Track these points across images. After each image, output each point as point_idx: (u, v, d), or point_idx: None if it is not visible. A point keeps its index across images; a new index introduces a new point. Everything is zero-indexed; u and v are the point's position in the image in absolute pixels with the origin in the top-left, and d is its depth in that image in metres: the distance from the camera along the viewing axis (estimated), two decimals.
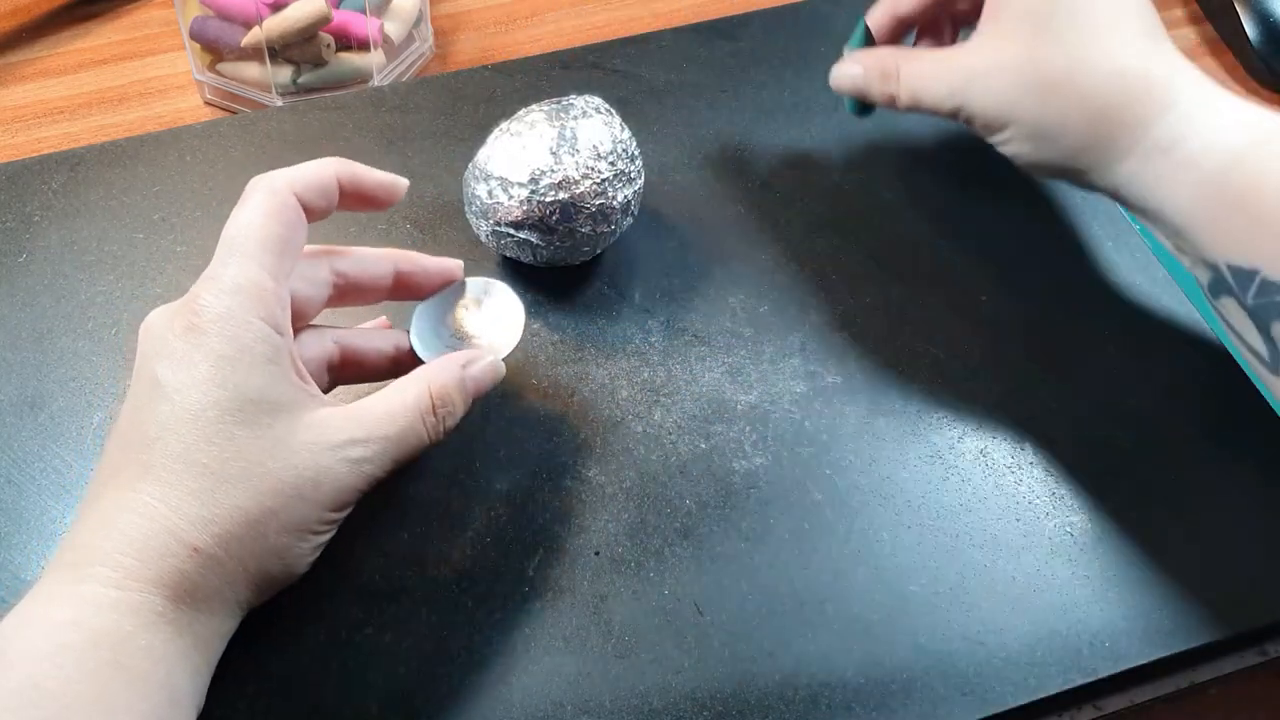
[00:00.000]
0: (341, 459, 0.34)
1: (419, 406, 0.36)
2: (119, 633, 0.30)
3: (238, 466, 0.32)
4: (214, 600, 0.33)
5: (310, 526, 0.34)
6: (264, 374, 0.33)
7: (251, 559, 0.33)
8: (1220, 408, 0.47)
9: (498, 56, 0.64)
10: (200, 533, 0.32)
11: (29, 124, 0.59)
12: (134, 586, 0.31)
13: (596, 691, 0.38)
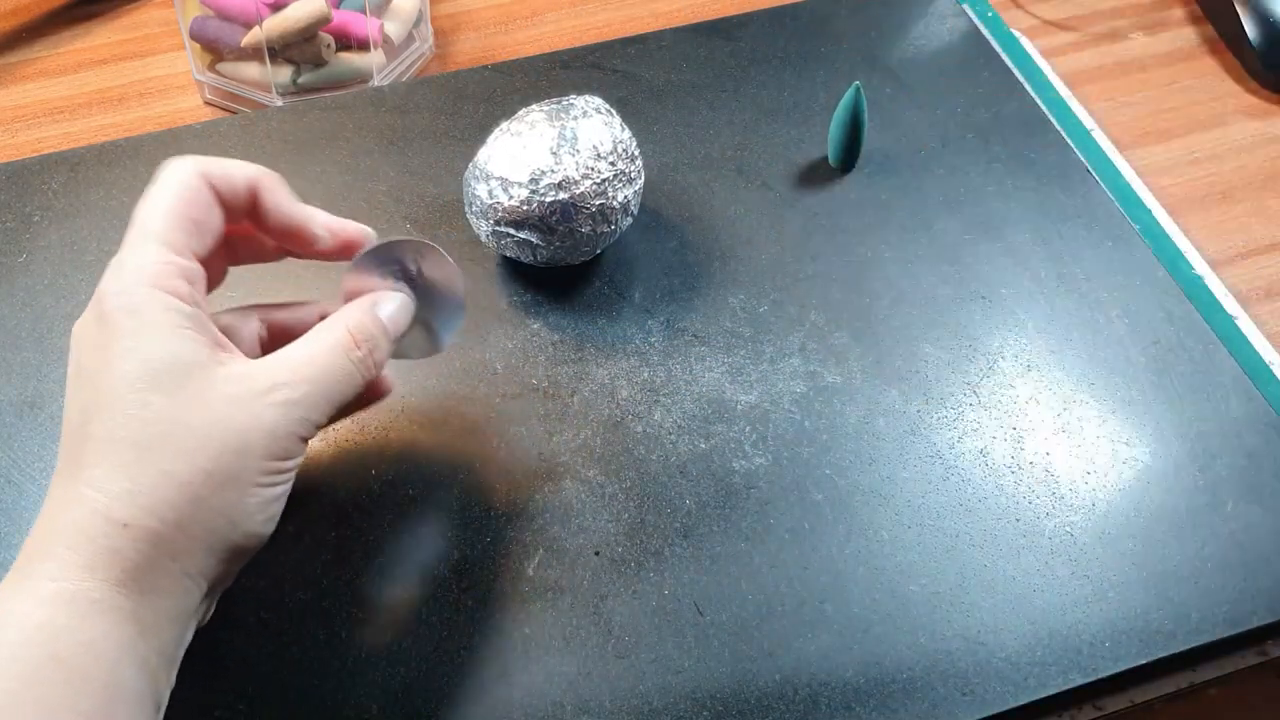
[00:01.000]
0: (267, 405, 0.33)
1: (339, 343, 0.35)
2: (53, 626, 0.29)
3: (157, 431, 0.31)
4: (161, 577, 0.31)
5: (253, 479, 0.32)
6: (172, 340, 0.32)
7: (193, 524, 0.31)
8: (1220, 407, 0.47)
9: (498, 56, 0.64)
10: (128, 506, 0.31)
11: (29, 124, 0.59)
12: (71, 577, 0.30)
13: (596, 691, 0.38)
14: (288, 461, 0.34)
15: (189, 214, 0.34)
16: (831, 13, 0.63)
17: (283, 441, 0.33)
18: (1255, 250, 0.56)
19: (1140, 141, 0.61)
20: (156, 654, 0.31)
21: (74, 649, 0.29)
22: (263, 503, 0.33)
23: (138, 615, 0.31)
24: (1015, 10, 0.68)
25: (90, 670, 0.29)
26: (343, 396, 0.35)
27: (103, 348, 0.32)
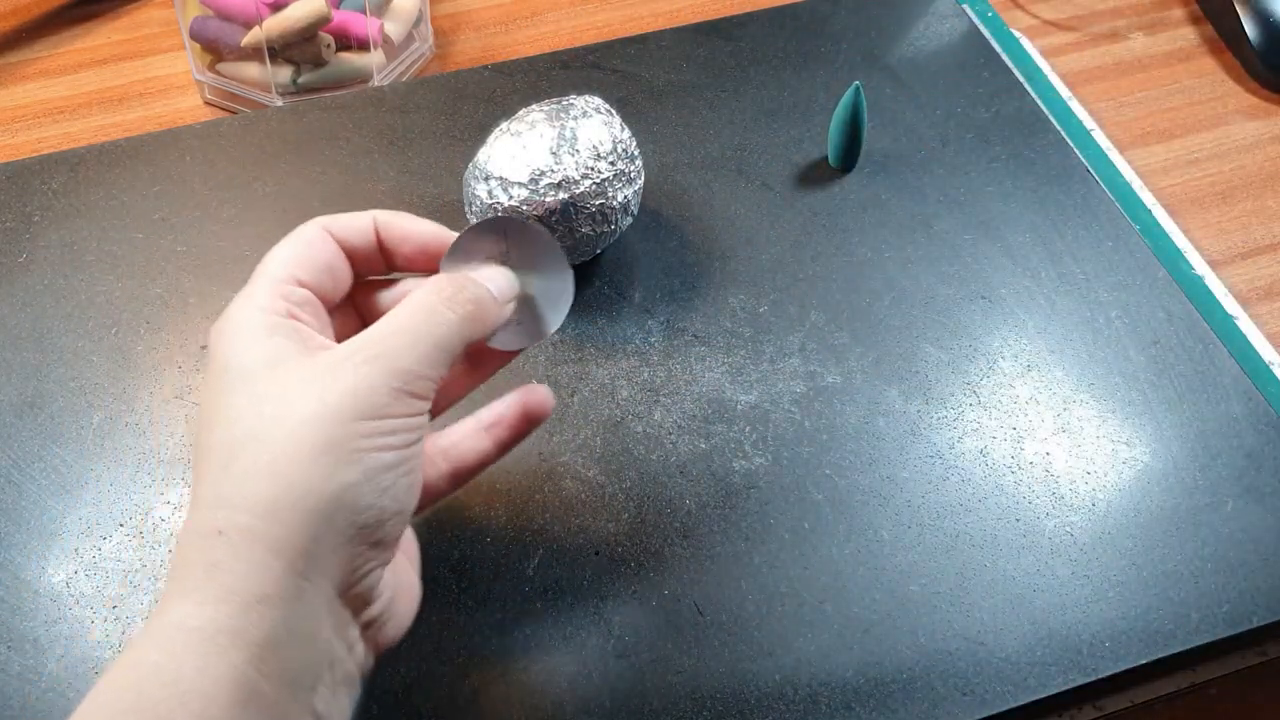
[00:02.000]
0: (347, 367, 0.30)
1: (429, 290, 0.32)
2: (139, 669, 0.27)
3: (242, 428, 0.29)
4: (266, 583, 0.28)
5: (347, 446, 0.29)
6: (256, 345, 0.31)
7: (287, 509, 0.28)
8: (1220, 407, 0.47)
9: (498, 56, 0.64)
10: (219, 510, 0.28)
11: (29, 124, 0.59)
12: (170, 607, 0.28)
13: (596, 691, 0.38)
14: (389, 420, 0.30)
15: (300, 254, 0.33)
16: (831, 13, 0.63)
17: (373, 397, 0.29)
18: (1255, 250, 0.56)
19: (1140, 141, 0.61)
20: (276, 679, 0.27)
21: (159, 692, 0.26)
22: (369, 471, 0.29)
23: (245, 636, 0.27)
24: (1015, 10, 0.68)
25: (174, 714, 0.26)
26: (442, 341, 0.31)
27: (204, 381, 0.32)
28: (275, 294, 0.32)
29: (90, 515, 0.42)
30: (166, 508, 0.43)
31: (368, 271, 0.36)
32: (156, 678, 0.26)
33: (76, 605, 0.40)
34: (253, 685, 0.27)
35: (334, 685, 0.29)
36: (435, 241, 0.36)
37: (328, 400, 0.29)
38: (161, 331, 0.48)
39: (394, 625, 0.32)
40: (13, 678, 0.38)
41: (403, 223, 0.36)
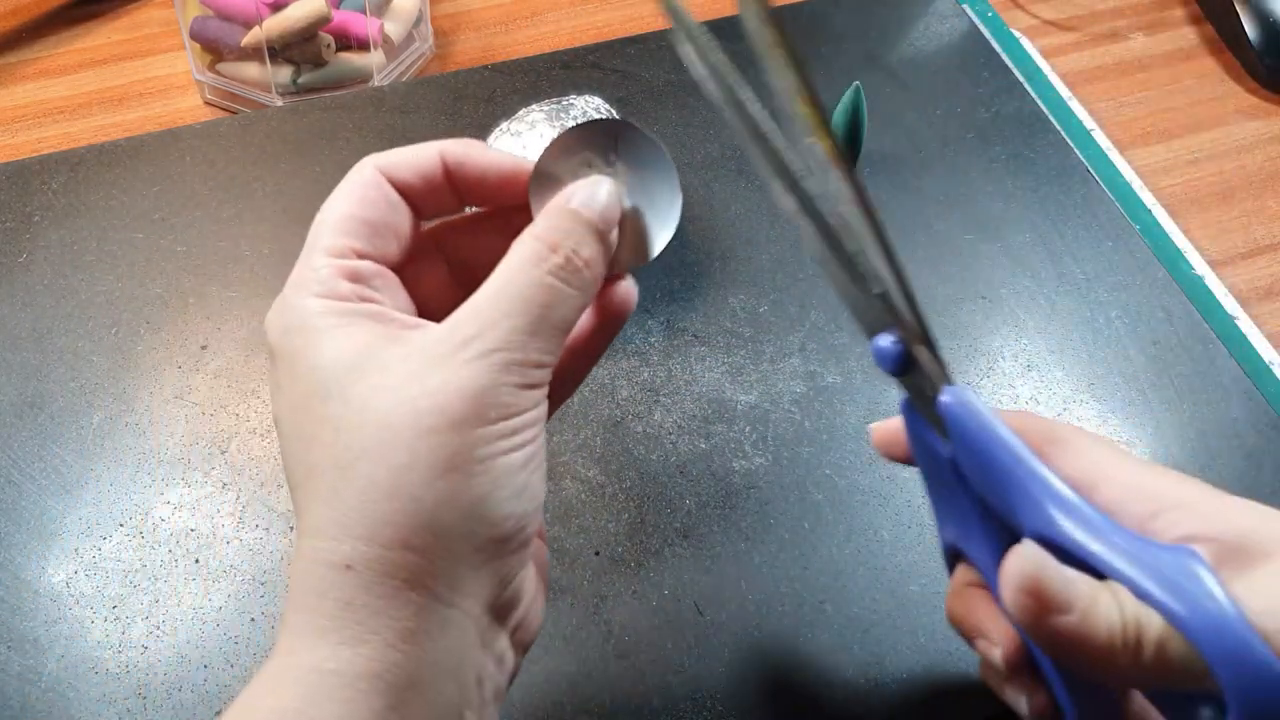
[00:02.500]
0: (459, 364, 0.26)
1: (529, 258, 0.28)
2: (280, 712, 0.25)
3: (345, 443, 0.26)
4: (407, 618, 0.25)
5: (473, 454, 0.26)
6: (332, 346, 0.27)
7: (420, 532, 0.25)
8: (1220, 407, 0.47)
9: (498, 56, 0.64)
10: (343, 542, 0.25)
11: (29, 124, 0.59)
12: (302, 648, 0.25)
13: (596, 691, 0.38)
14: (513, 420, 0.27)
15: (358, 213, 0.29)
16: (831, 12, 0.63)
17: (494, 397, 0.26)
18: (1255, 250, 0.56)
19: (1140, 141, 0.61)
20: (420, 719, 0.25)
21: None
22: (499, 477, 0.26)
23: (387, 679, 0.25)
24: (1015, 10, 0.68)
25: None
26: (559, 321, 0.28)
27: (279, 387, 0.28)
28: (338, 275, 0.28)
29: (90, 515, 0.42)
30: (166, 508, 0.43)
31: (439, 212, 0.31)
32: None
33: (76, 605, 0.40)
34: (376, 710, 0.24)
35: (481, 706, 0.27)
36: (517, 176, 0.31)
37: (446, 408, 0.25)
38: (161, 331, 0.48)
39: (535, 616, 0.30)
40: (12, 678, 0.38)
41: (477, 157, 0.31)
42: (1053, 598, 0.26)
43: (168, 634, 0.39)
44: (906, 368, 0.31)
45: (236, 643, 0.39)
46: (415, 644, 0.25)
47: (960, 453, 0.30)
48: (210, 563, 0.41)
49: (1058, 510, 0.28)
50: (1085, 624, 0.26)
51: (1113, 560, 0.27)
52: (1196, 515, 0.28)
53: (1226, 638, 0.25)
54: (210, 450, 0.44)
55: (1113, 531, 0.28)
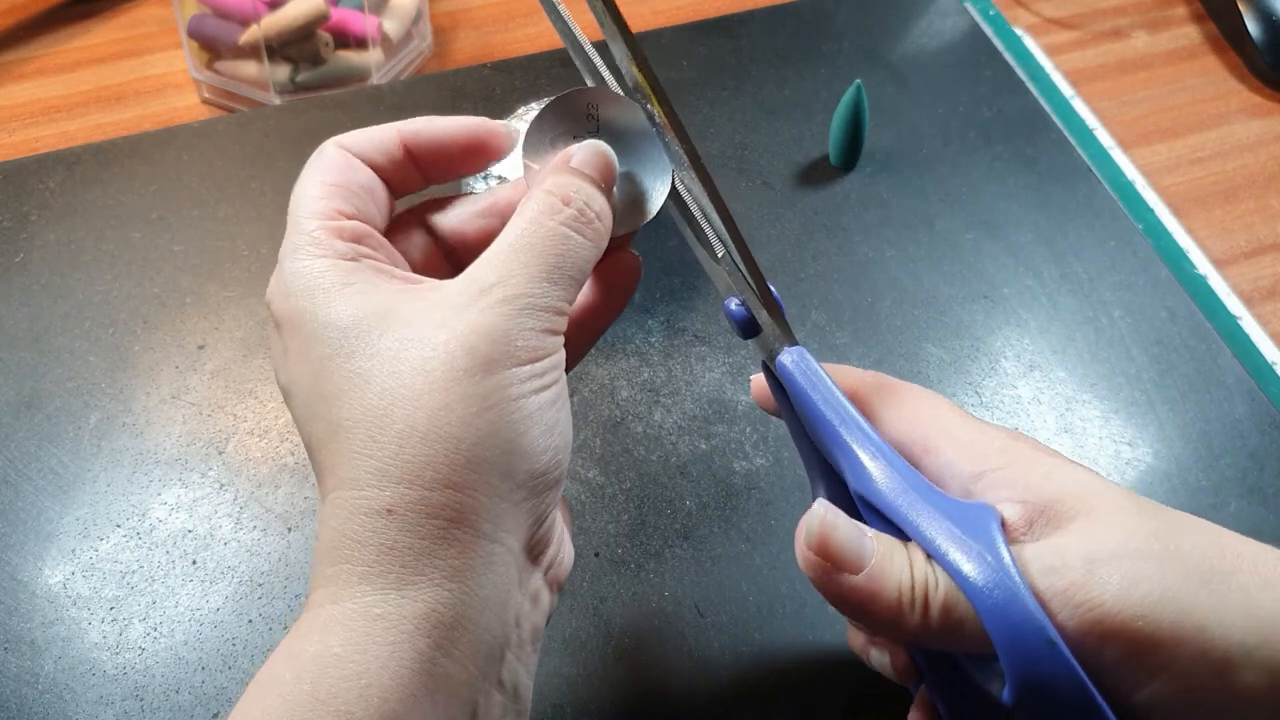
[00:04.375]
0: (483, 309, 0.27)
1: (542, 210, 0.29)
2: (321, 660, 0.25)
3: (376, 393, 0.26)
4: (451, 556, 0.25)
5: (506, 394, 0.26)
6: (345, 301, 0.27)
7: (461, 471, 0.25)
8: (1223, 407, 0.47)
9: (497, 54, 0.64)
10: (384, 488, 0.25)
11: (26, 123, 0.59)
12: (345, 595, 0.25)
13: (596, 693, 0.38)
14: (540, 362, 0.27)
15: (334, 181, 0.30)
16: (833, 10, 0.63)
17: (520, 340, 0.27)
18: (1258, 249, 0.55)
19: (1143, 140, 0.60)
20: (465, 659, 0.26)
21: (339, 685, 0.24)
22: (534, 413, 0.27)
23: (434, 619, 0.25)
24: (1017, 8, 0.68)
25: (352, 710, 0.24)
26: (573, 270, 0.29)
27: (289, 353, 0.28)
28: (331, 235, 0.29)
29: (87, 516, 0.42)
30: (164, 508, 0.42)
31: (405, 189, 0.32)
32: (338, 670, 0.24)
33: (74, 606, 0.40)
34: (441, 671, 0.25)
35: (520, 647, 0.28)
36: (476, 137, 0.32)
37: (476, 349, 0.26)
38: (159, 331, 0.48)
39: (567, 556, 0.30)
40: (10, 679, 0.38)
41: (432, 129, 0.32)
42: (841, 557, 0.27)
43: (165, 635, 0.39)
44: (753, 330, 0.32)
45: (234, 644, 0.39)
46: (461, 581, 0.25)
47: (798, 409, 0.32)
48: (208, 564, 0.41)
49: (874, 468, 0.29)
50: (873, 583, 0.27)
51: (912, 517, 0.28)
52: (1016, 476, 0.29)
53: (1000, 595, 0.26)
54: (208, 451, 0.44)
55: (923, 491, 0.28)
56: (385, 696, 0.24)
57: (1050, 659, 0.25)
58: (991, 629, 0.26)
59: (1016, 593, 0.26)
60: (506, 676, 0.27)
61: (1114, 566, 0.26)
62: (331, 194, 0.30)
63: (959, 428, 0.31)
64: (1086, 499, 0.28)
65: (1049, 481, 0.28)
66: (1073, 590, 0.26)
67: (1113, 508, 0.28)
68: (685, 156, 0.31)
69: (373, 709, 0.24)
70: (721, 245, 0.31)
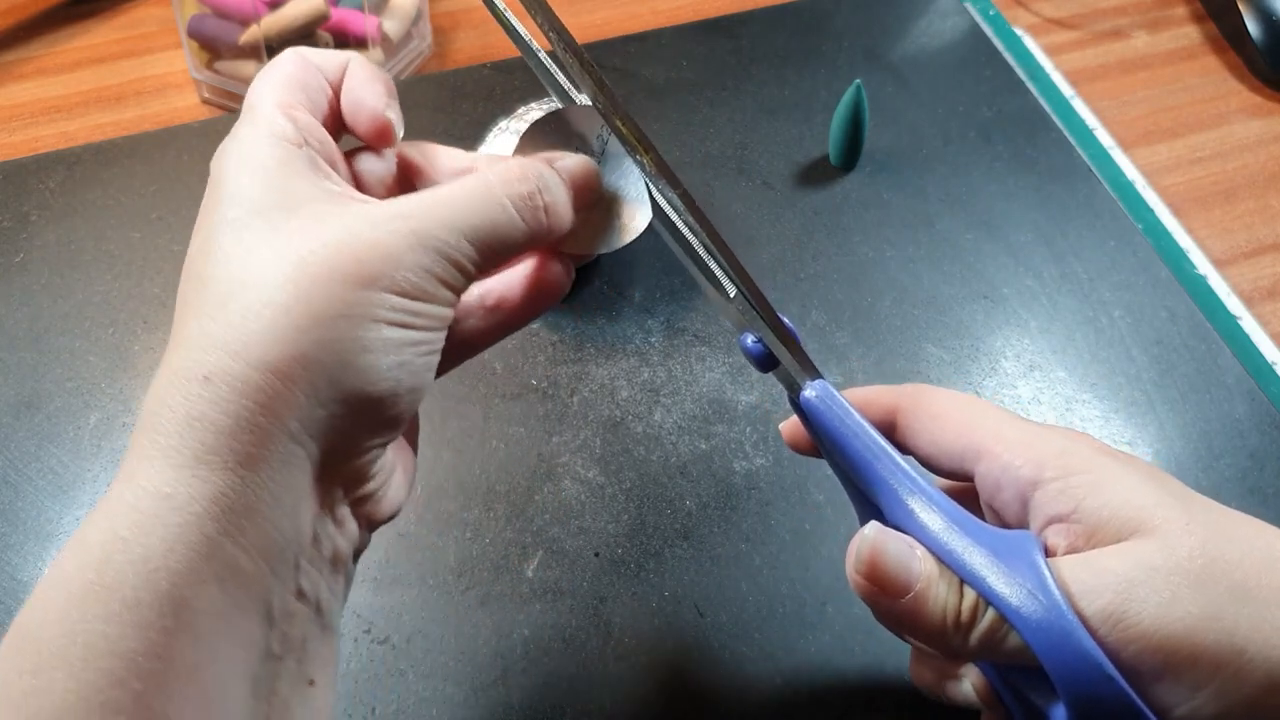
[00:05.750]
0: (389, 231, 0.26)
1: (495, 175, 0.29)
2: (107, 544, 0.24)
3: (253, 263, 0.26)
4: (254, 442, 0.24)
5: (371, 312, 0.26)
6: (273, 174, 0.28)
7: (289, 360, 0.25)
8: (1223, 407, 0.47)
9: (496, 54, 0.64)
10: (209, 353, 0.24)
11: (25, 122, 0.59)
12: (142, 471, 0.24)
13: (596, 693, 0.38)
14: (423, 304, 0.27)
15: (295, 75, 0.30)
16: (833, 10, 0.63)
17: (410, 273, 0.26)
18: (1258, 249, 0.55)
19: (1143, 140, 0.60)
20: (255, 551, 0.25)
21: (125, 569, 0.23)
22: (387, 343, 0.26)
23: (223, 503, 0.24)
24: (1017, 8, 0.68)
25: (139, 595, 0.23)
26: (495, 242, 0.28)
27: (205, 210, 0.28)
28: (283, 117, 0.29)
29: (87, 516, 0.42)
30: None
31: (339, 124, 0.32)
32: (123, 554, 0.23)
33: None
34: (229, 559, 0.24)
35: (320, 562, 0.27)
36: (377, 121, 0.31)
37: (364, 262, 0.26)
38: (158, 331, 0.48)
39: (389, 502, 0.29)
40: None
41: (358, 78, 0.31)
42: (890, 581, 0.28)
43: None
44: (771, 365, 0.32)
45: None
46: (254, 470, 0.24)
47: (828, 446, 0.32)
48: None
49: (915, 505, 0.29)
50: (918, 607, 0.28)
51: (958, 553, 0.28)
52: (1071, 493, 0.29)
53: (1052, 632, 0.26)
54: None
55: (964, 524, 0.29)
56: (173, 580, 0.23)
57: (1109, 693, 0.26)
58: (1049, 666, 0.26)
59: (1071, 631, 0.26)
60: (306, 586, 0.26)
61: (1152, 587, 0.26)
62: (291, 86, 0.30)
63: (1010, 430, 0.30)
64: (1135, 517, 0.28)
65: (1101, 499, 0.28)
66: (1111, 610, 0.26)
67: (1161, 522, 0.27)
68: (680, 201, 0.31)
69: (161, 593, 0.23)
70: (733, 285, 0.31)
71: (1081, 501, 0.28)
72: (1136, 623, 0.26)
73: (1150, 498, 0.28)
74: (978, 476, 0.31)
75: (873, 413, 0.32)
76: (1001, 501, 0.30)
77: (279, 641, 0.25)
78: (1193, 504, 0.28)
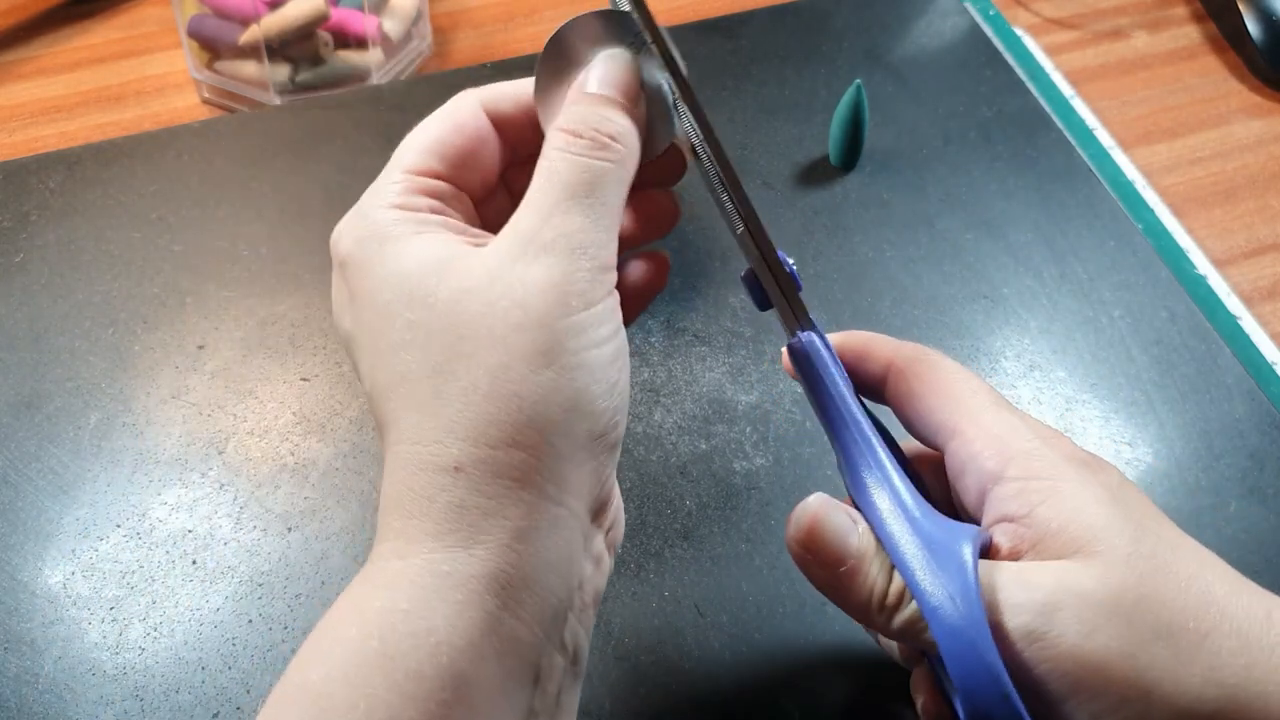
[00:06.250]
0: (530, 264, 0.26)
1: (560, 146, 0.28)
2: (389, 616, 0.24)
3: (439, 346, 0.26)
4: (519, 517, 0.25)
5: (563, 348, 0.26)
6: (412, 248, 0.27)
7: (525, 431, 0.25)
8: (1223, 407, 0.47)
9: (497, 54, 0.64)
10: (450, 445, 0.25)
11: (26, 122, 0.59)
12: (414, 550, 0.25)
13: (596, 694, 0.38)
14: (594, 309, 0.27)
15: (445, 140, 0.30)
16: (833, 10, 0.63)
17: (569, 285, 0.26)
18: (1258, 249, 0.55)
19: (1143, 140, 0.60)
20: (531, 620, 0.25)
21: (407, 642, 0.24)
22: (594, 370, 0.26)
23: (501, 579, 0.25)
24: (1017, 8, 0.68)
25: (422, 668, 0.24)
26: (606, 197, 0.28)
27: (354, 298, 0.28)
28: (411, 188, 0.29)
29: (87, 516, 0.42)
30: (164, 509, 0.42)
31: (525, 150, 0.32)
32: (405, 626, 0.24)
33: (74, 606, 0.40)
34: (508, 631, 0.25)
35: (582, 609, 0.27)
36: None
37: (528, 303, 0.26)
38: (158, 331, 0.48)
39: (622, 517, 0.30)
40: (9, 679, 0.38)
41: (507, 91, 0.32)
42: (825, 552, 0.28)
43: (165, 635, 0.39)
44: (768, 304, 0.33)
45: (234, 644, 0.39)
46: (527, 543, 0.25)
47: (808, 397, 0.32)
48: (208, 564, 0.41)
49: (867, 478, 0.30)
50: (848, 582, 0.28)
51: (895, 539, 0.29)
52: (1028, 496, 0.29)
53: (962, 640, 0.26)
54: (208, 451, 0.44)
55: (911, 508, 0.29)
56: (454, 656, 0.24)
57: (1004, 711, 0.26)
58: (953, 671, 0.26)
59: (979, 644, 0.26)
60: (569, 638, 0.27)
61: (1076, 613, 0.26)
62: (435, 151, 0.30)
63: (991, 417, 0.30)
64: (1081, 536, 0.28)
65: (1055, 509, 0.28)
66: (1031, 628, 0.26)
67: (1104, 548, 0.27)
68: (700, 130, 0.30)
69: (442, 668, 0.24)
70: (740, 221, 0.31)
71: (1036, 507, 0.28)
72: (1054, 645, 0.26)
73: (1102, 519, 0.28)
74: (947, 454, 0.31)
75: (870, 363, 0.33)
76: (963, 485, 0.30)
77: (540, 699, 0.26)
78: (1144, 531, 0.28)
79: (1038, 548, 0.28)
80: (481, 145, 0.31)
